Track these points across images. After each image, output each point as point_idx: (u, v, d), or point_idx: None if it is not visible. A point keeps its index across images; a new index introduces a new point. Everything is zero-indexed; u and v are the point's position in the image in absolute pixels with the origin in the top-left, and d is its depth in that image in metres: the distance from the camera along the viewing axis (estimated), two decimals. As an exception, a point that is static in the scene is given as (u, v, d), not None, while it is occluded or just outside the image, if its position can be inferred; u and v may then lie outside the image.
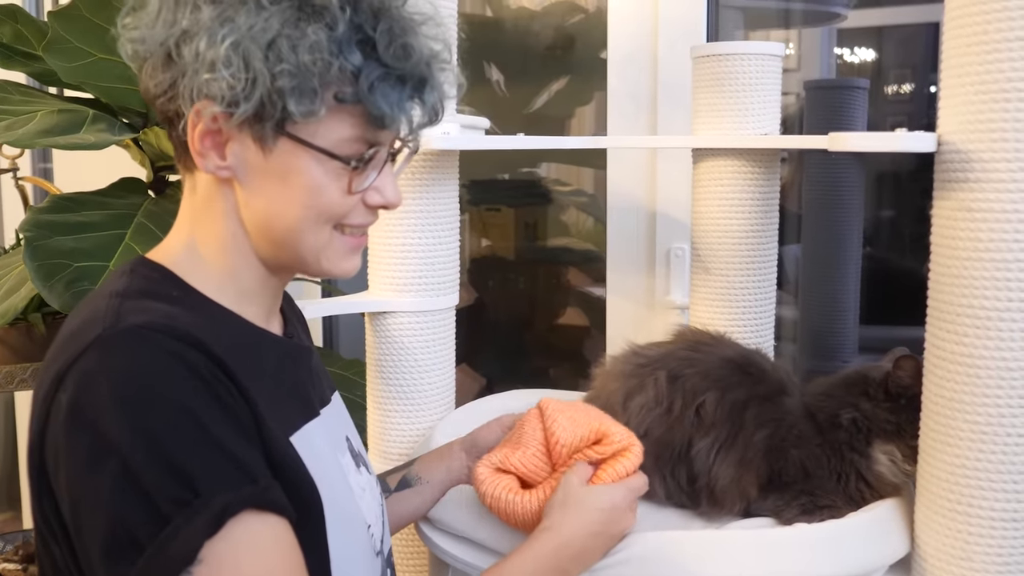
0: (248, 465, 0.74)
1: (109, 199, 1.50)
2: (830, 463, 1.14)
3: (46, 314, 1.56)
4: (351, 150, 0.82)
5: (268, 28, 0.76)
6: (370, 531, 0.91)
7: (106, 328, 0.75)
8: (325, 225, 0.84)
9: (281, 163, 0.81)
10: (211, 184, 0.85)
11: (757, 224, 1.43)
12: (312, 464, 0.83)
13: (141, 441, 0.70)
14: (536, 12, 2.41)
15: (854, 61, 2.29)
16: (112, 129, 1.47)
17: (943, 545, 1.02)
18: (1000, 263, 0.94)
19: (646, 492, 1.04)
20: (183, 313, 0.79)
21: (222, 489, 0.71)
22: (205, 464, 0.71)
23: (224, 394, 0.75)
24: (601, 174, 2.10)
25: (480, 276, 2.59)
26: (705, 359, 1.22)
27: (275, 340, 0.90)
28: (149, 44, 0.81)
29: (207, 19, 0.77)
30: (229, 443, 0.73)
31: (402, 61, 0.80)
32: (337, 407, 0.99)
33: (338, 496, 0.86)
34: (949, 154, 0.99)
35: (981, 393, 0.96)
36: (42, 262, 1.29)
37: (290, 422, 0.84)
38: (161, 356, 0.73)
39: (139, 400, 0.71)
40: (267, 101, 0.77)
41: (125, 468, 0.69)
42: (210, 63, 0.77)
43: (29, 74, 1.65)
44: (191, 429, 0.72)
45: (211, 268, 0.86)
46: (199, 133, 0.80)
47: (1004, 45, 0.92)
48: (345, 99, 0.79)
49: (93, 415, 0.71)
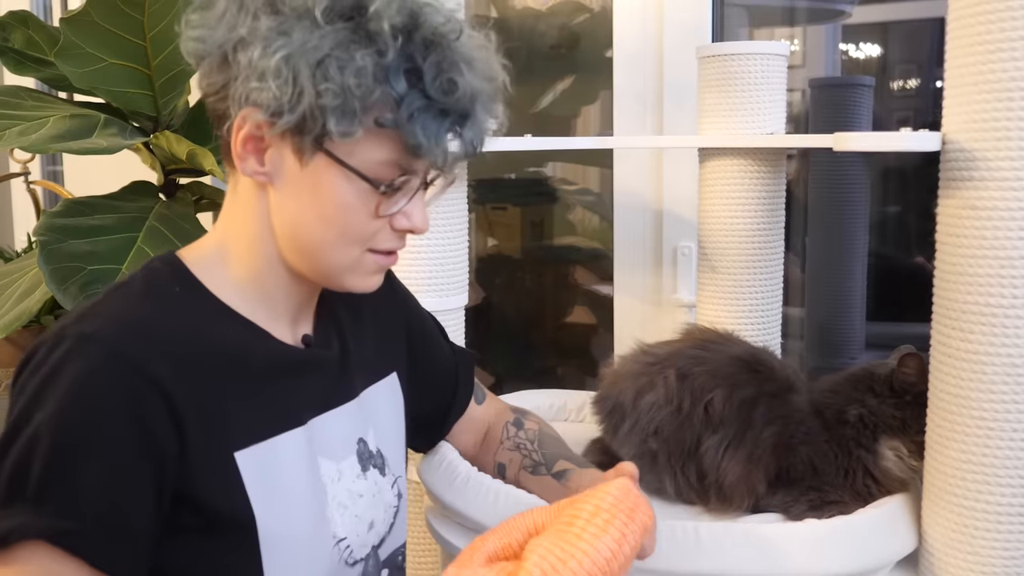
0: (89, 503, 0.75)
1: (121, 203, 1.51)
2: (837, 459, 1.15)
3: (58, 317, 1.58)
4: (384, 174, 0.83)
5: (320, 47, 0.78)
6: (342, 544, 0.91)
7: (64, 325, 0.80)
8: (353, 245, 0.86)
9: (315, 176, 0.83)
10: (249, 186, 0.88)
11: (763, 222, 1.43)
12: (256, 481, 0.83)
13: (25, 434, 0.76)
14: (541, 12, 2.41)
15: (860, 57, 2.30)
16: (123, 133, 1.48)
17: (950, 540, 1.03)
18: (1005, 260, 0.95)
19: (656, 488, 1.04)
20: (161, 317, 0.83)
21: (33, 512, 0.74)
22: (45, 483, 0.74)
23: (138, 418, 0.77)
24: (607, 173, 2.11)
25: (487, 275, 2.59)
26: (714, 357, 1.23)
27: (273, 347, 0.90)
28: (208, 44, 0.83)
29: (264, 29, 0.80)
30: (88, 475, 0.75)
31: (446, 95, 0.81)
32: (357, 408, 0.98)
33: (289, 513, 0.86)
34: (954, 153, 1.00)
35: (987, 389, 0.97)
36: (56, 265, 1.30)
37: (246, 435, 0.85)
38: (85, 371, 0.77)
39: (45, 400, 0.76)
40: (309, 116, 0.79)
41: (7, 443, 0.76)
42: (260, 72, 0.79)
43: (41, 79, 1.67)
44: (66, 449, 0.75)
45: (235, 268, 0.89)
46: (242, 137, 0.83)
47: (1008, 44, 0.93)
48: (384, 124, 0.80)
49: (18, 389, 0.79)
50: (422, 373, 1.11)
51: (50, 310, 1.56)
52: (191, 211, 1.57)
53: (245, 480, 0.83)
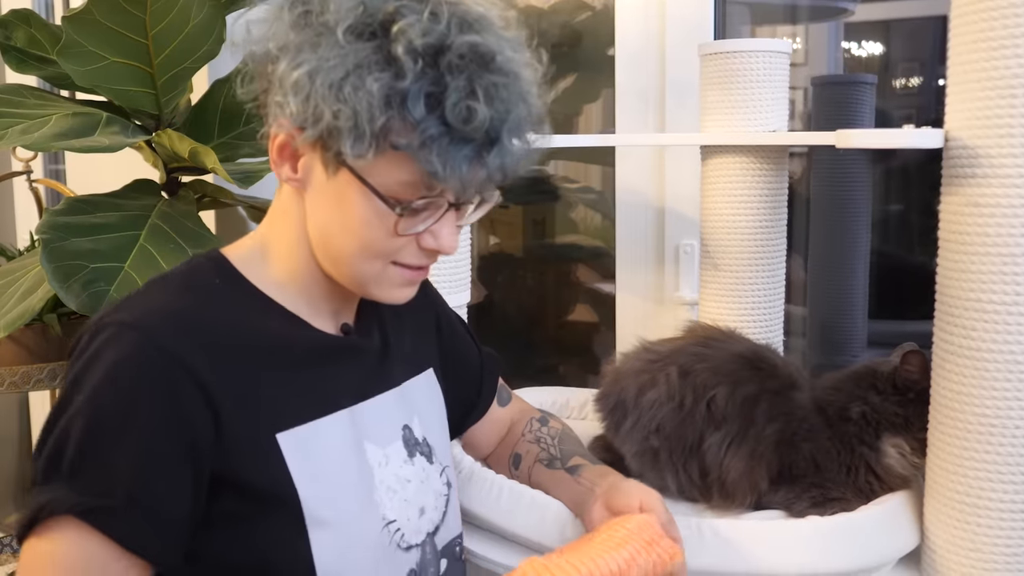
0: (120, 483, 0.78)
1: (123, 201, 1.51)
2: (840, 456, 1.15)
3: (61, 315, 1.58)
4: (404, 194, 0.83)
5: (340, 65, 0.78)
6: (391, 527, 0.92)
7: (104, 314, 0.84)
8: (374, 258, 0.87)
9: (339, 189, 0.84)
10: (289, 191, 0.90)
11: (765, 220, 1.43)
12: (299, 461, 0.85)
13: (65, 415, 0.80)
14: (543, 10, 2.41)
15: (862, 55, 2.30)
16: (126, 131, 1.48)
17: (952, 537, 1.03)
18: (1008, 257, 0.95)
19: (659, 486, 1.04)
20: (199, 306, 0.86)
21: (67, 489, 0.77)
22: (79, 462, 0.78)
23: (172, 403, 0.80)
24: (609, 171, 2.11)
25: (489, 273, 2.59)
26: (716, 355, 1.23)
27: (312, 335, 0.92)
28: (251, 54, 0.86)
29: (294, 43, 0.81)
30: (120, 456, 0.78)
31: (464, 123, 0.78)
32: (400, 396, 0.99)
33: (335, 494, 0.87)
34: (956, 150, 1.00)
35: (989, 386, 0.97)
36: (59, 264, 1.30)
37: (288, 418, 0.86)
38: (123, 357, 0.80)
39: (84, 384, 0.80)
40: (327, 134, 0.80)
41: (51, 426, 0.80)
42: (286, 85, 0.81)
43: (43, 78, 1.67)
44: (100, 429, 0.78)
45: (275, 267, 0.92)
46: (277, 145, 0.86)
47: (1011, 41, 0.93)
48: (399, 148, 0.80)
49: (65, 375, 0.83)
50: (452, 371, 1.13)
51: (52, 308, 1.56)
52: (193, 209, 1.57)
53: (288, 460, 0.84)
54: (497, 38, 0.82)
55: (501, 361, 1.24)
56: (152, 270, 1.36)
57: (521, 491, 1.13)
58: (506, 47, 0.83)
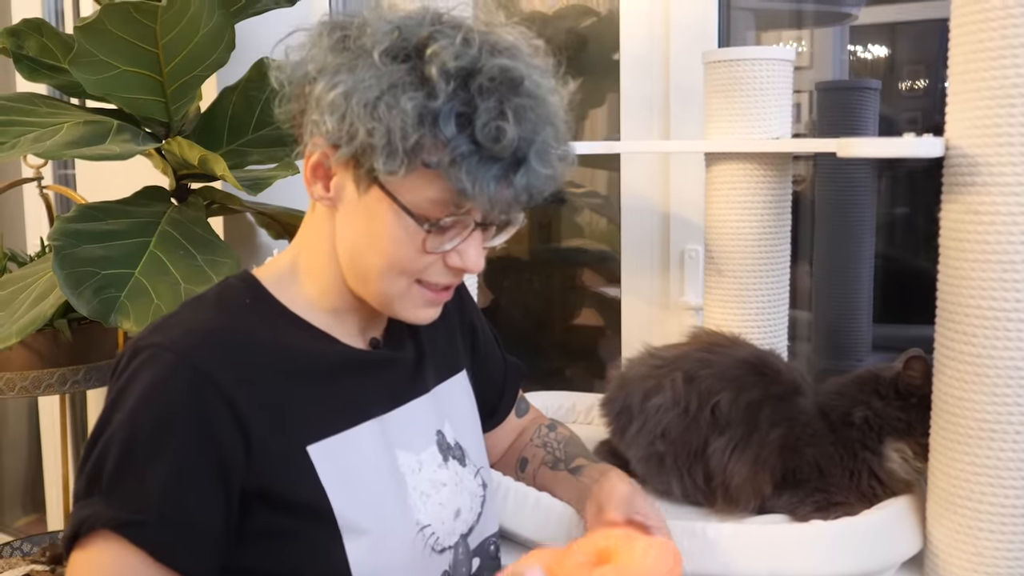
0: (154, 499, 0.81)
1: (134, 208, 1.52)
2: (843, 461, 1.16)
3: (71, 320, 1.60)
4: (433, 212, 0.85)
5: (375, 86, 0.81)
6: (426, 531, 0.93)
7: (140, 336, 0.87)
8: (401, 276, 0.89)
9: (369, 206, 0.86)
10: (321, 209, 0.92)
11: (769, 226, 1.44)
12: (331, 472, 0.87)
13: (105, 434, 0.83)
14: (548, 16, 2.42)
15: (867, 59, 2.30)
16: (136, 139, 1.50)
17: (954, 541, 1.03)
18: (1007, 264, 0.96)
19: (663, 490, 1.05)
20: (230, 326, 0.89)
21: (104, 504, 0.81)
22: (116, 478, 0.82)
23: (203, 422, 0.82)
24: (615, 176, 2.12)
25: (495, 278, 2.60)
26: (720, 360, 1.24)
27: (340, 349, 0.94)
28: (289, 75, 0.89)
29: (332, 65, 0.84)
30: (154, 473, 0.81)
31: (494, 142, 0.81)
32: (432, 401, 1.01)
33: (367, 501, 0.89)
34: (957, 158, 1.01)
35: (990, 392, 0.98)
36: (71, 270, 1.31)
37: (317, 430, 0.88)
38: (157, 378, 0.83)
39: (122, 404, 0.83)
40: (360, 152, 0.83)
41: (93, 443, 0.84)
42: (323, 105, 0.83)
43: (54, 86, 1.68)
44: (136, 448, 0.82)
45: (306, 284, 0.94)
46: (311, 164, 0.88)
47: (1010, 51, 0.94)
48: (430, 166, 0.82)
49: (109, 395, 0.86)
50: (481, 374, 1.15)
51: (63, 314, 1.58)
52: (203, 215, 1.59)
53: (319, 471, 0.87)
54: (526, 64, 0.85)
55: (526, 370, 1.26)
56: (162, 276, 1.38)
57: (527, 492, 1.15)
58: (534, 72, 0.86)
